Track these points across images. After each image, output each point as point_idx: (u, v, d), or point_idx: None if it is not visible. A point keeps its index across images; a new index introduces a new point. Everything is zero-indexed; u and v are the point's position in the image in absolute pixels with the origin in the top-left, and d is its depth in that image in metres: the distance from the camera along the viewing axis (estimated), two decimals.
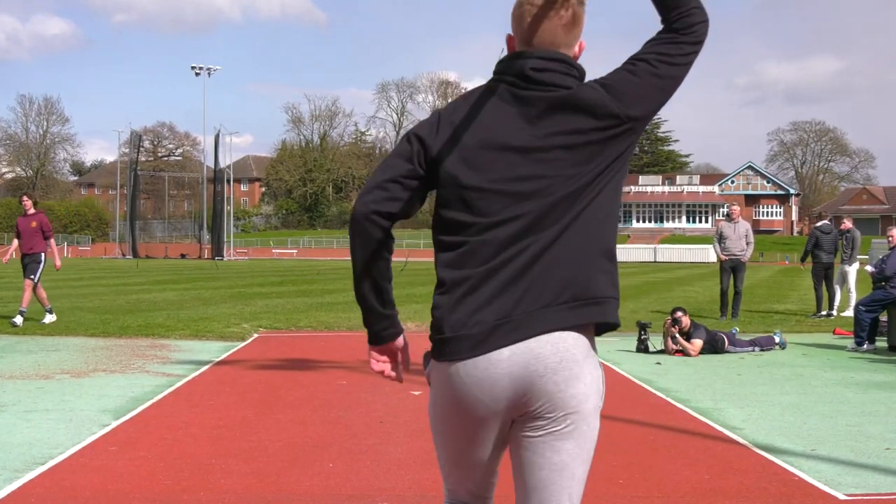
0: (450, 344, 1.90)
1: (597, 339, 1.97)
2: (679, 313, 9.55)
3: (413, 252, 55.13)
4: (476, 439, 1.98)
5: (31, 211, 12.22)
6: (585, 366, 1.91)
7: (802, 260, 14.98)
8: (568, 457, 1.93)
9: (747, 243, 13.86)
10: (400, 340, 2.05)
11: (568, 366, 1.88)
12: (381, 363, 2.07)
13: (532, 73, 1.92)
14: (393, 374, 2.07)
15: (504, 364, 1.87)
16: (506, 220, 1.89)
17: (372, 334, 2.03)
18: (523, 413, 1.92)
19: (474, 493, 2.11)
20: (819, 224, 14.84)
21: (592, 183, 1.90)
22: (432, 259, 2.04)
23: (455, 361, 1.90)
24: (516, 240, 1.88)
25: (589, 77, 1.98)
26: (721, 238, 13.99)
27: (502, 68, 1.98)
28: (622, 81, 1.93)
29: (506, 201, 1.89)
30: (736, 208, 14.54)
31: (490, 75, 2.04)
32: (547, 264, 1.88)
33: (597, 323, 1.94)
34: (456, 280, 1.90)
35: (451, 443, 2.02)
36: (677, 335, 9.48)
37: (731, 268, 13.80)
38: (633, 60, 1.96)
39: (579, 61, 2.00)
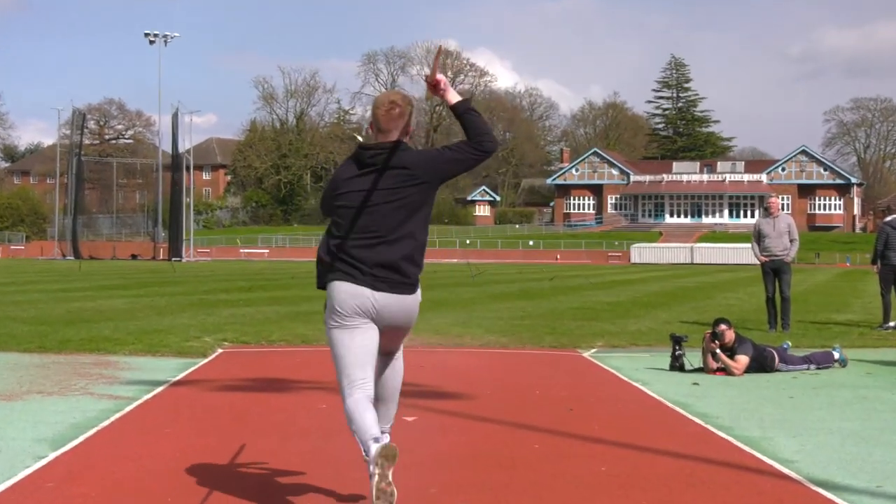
0: (332, 272, 4.35)
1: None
2: (722, 326, 9.53)
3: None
4: (356, 331, 4.30)
5: None
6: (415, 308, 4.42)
7: (873, 262, 14.86)
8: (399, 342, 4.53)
9: (790, 241, 13.83)
10: None
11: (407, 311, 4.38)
12: None
13: (368, 160, 4.29)
14: None
15: (367, 293, 4.27)
16: (363, 228, 4.29)
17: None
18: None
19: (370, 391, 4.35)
20: (888, 219, 14.75)
21: (411, 207, 4.23)
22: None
23: (335, 281, 4.33)
24: (370, 238, 4.26)
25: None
26: (759, 237, 13.97)
27: (358, 153, 4.33)
28: (433, 154, 4.29)
29: (365, 218, 4.27)
30: (774, 200, 14.38)
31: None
32: (382, 256, 4.24)
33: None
34: (334, 249, 4.38)
35: (346, 339, 4.32)
36: (718, 351, 9.48)
37: (773, 270, 13.80)
38: (447, 147, 4.24)
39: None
